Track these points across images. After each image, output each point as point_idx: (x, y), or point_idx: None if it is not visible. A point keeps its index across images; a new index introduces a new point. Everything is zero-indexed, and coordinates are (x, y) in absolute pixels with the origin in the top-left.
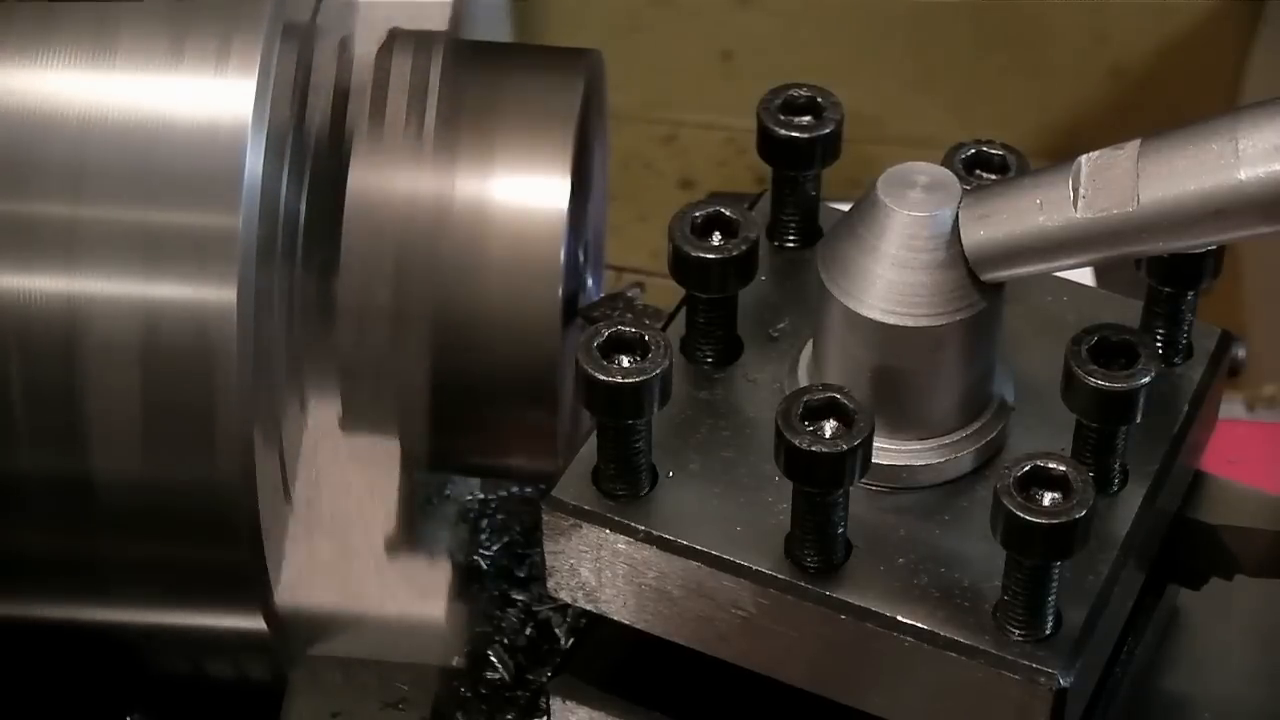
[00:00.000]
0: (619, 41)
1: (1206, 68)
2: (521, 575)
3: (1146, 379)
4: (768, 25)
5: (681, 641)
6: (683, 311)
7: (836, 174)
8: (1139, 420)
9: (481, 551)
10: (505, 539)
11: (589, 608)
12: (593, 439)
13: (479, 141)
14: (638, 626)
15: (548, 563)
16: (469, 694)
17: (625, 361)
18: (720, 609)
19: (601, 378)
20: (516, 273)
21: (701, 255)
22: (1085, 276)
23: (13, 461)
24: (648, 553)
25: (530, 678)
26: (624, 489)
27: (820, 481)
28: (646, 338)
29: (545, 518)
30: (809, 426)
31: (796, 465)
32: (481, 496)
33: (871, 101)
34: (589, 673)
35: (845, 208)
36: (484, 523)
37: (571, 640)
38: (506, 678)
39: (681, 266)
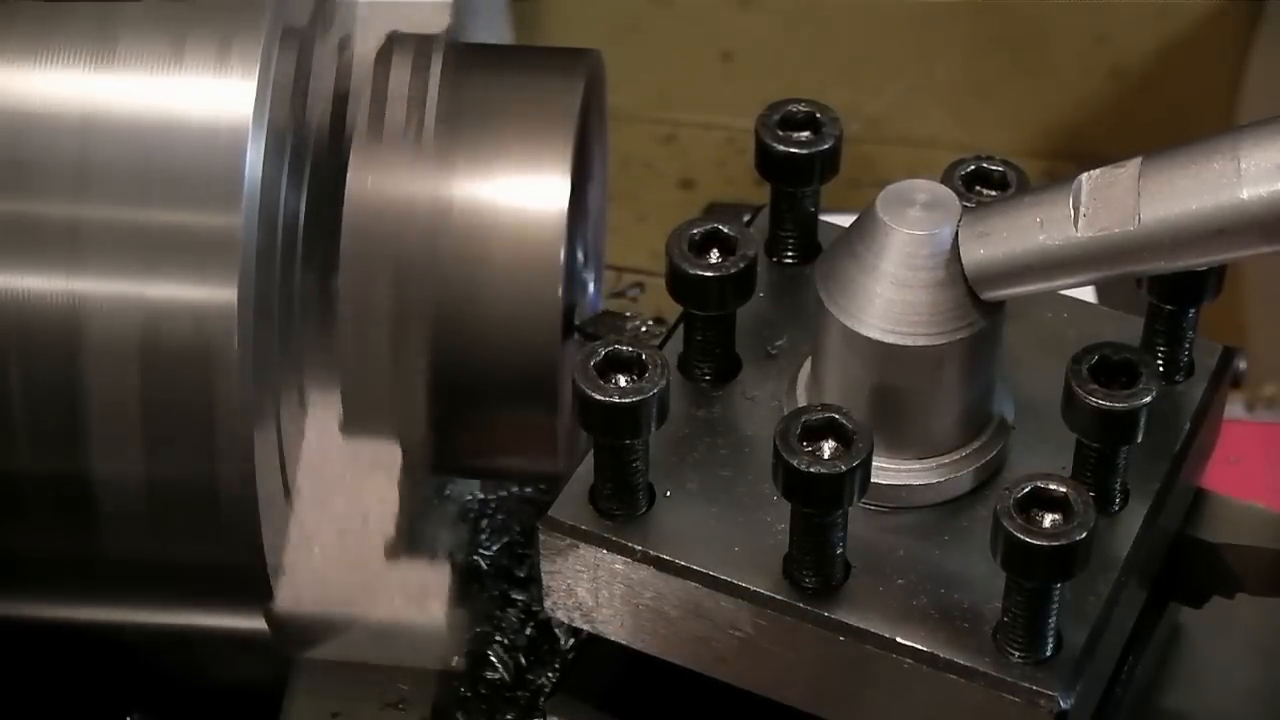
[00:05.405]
0: (619, 41)
1: (1206, 68)
2: (521, 575)
3: (1148, 398)
4: (768, 25)
5: (679, 662)
6: (680, 328)
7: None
8: (1140, 440)
9: (481, 551)
10: (505, 539)
11: (585, 628)
12: (590, 458)
13: (479, 142)
14: (635, 647)
15: (544, 582)
16: (469, 694)
17: (622, 381)
18: (718, 629)
19: (598, 397)
20: (517, 273)
21: (699, 273)
22: (1086, 293)
23: (13, 461)
24: (645, 573)
25: (530, 678)
26: (621, 508)
27: (819, 502)
28: (644, 356)
29: (542, 537)
30: (807, 447)
31: (795, 486)
32: (481, 496)
33: (871, 102)
34: (585, 692)
35: (843, 219)
36: (484, 523)
37: (570, 643)
38: (506, 678)
39: (679, 284)
